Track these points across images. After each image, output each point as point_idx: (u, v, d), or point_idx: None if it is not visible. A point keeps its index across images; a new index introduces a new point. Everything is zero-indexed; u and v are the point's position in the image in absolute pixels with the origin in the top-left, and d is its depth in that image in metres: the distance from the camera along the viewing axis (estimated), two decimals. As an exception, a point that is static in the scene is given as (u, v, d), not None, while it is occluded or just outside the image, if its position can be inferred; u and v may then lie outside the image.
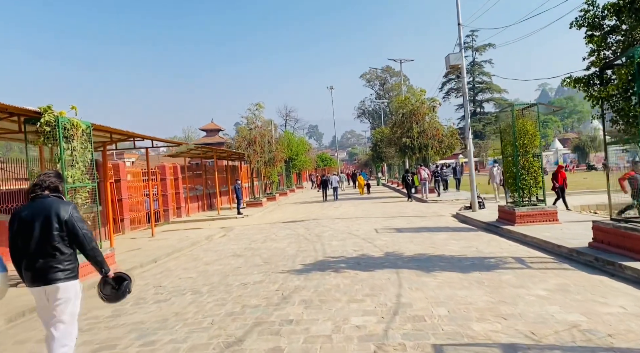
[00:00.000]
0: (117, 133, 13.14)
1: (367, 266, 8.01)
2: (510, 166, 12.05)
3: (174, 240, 14.19)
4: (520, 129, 11.51)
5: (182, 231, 16.89)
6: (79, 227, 3.66)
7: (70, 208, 3.69)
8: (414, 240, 10.97)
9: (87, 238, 3.68)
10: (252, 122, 27.14)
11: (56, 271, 3.58)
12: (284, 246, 11.34)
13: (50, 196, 3.74)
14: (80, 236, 3.66)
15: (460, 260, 8.11)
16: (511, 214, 11.60)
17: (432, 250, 9.35)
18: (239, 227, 17.10)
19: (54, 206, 3.63)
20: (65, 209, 3.65)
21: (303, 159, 45.07)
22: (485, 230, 12.09)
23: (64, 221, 3.61)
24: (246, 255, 10.34)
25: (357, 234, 12.60)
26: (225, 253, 11.04)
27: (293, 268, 8.30)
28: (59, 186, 3.85)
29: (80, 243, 3.67)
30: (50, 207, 3.63)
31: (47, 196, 3.73)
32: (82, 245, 3.68)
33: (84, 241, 3.67)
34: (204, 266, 9.33)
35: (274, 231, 14.65)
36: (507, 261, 7.85)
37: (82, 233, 3.66)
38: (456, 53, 15.48)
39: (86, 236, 3.68)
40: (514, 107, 11.63)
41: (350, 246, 10.58)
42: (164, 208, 21.08)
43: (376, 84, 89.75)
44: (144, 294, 7.21)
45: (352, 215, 18.31)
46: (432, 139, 26.86)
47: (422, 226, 13.66)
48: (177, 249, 12.35)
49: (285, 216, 20.16)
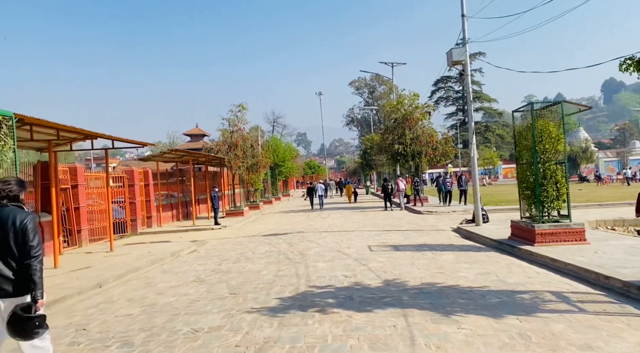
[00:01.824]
0: (65, 130, 11.10)
1: (363, 304, 6.11)
2: (527, 175, 10.30)
3: (134, 256, 12.13)
4: (541, 132, 9.79)
5: (147, 244, 14.82)
6: (30, 237, 3.48)
7: (27, 217, 3.55)
8: (416, 261, 9.11)
9: (32, 250, 3.47)
10: (234, 124, 25.18)
11: (14, 284, 3.43)
12: (259, 268, 9.38)
13: (8, 206, 3.60)
14: (27, 246, 3.46)
15: (484, 295, 6.26)
16: (529, 232, 9.83)
17: (442, 278, 7.49)
18: (213, 241, 15.07)
19: (12, 216, 3.51)
20: (22, 217, 3.52)
21: (290, 165, 43.11)
22: (498, 250, 10.29)
23: (18, 229, 3.47)
24: (211, 281, 8.36)
25: (348, 252, 10.71)
26: (187, 276, 9.04)
27: (266, 305, 6.35)
28: (19, 195, 3.70)
29: (25, 254, 3.46)
30: (7, 217, 3.51)
31: (5, 205, 3.60)
32: (26, 256, 3.45)
33: (30, 252, 3.46)
34: (153, 297, 7.32)
35: (252, 247, 12.68)
36: (546, 298, 6.02)
37: (30, 244, 3.47)
38: (459, 47, 13.79)
39: (32, 249, 3.47)
40: (534, 106, 9.89)
41: (340, 269, 8.67)
42: (131, 218, 18.93)
43: (365, 92, 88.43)
44: (56, 343, 5.18)
45: (342, 228, 16.41)
46: (425, 146, 25.21)
47: (421, 242, 11.82)
48: (132, 269, 10.32)
49: (267, 228, 18.18)
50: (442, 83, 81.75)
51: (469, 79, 13.95)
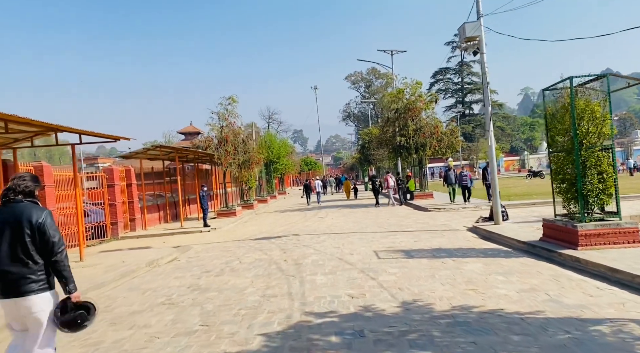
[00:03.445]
0: (15, 122, 9.39)
1: (379, 344, 4.42)
2: (563, 165, 8.63)
3: (103, 267, 10.43)
4: (582, 111, 8.11)
5: (124, 252, 13.13)
6: (50, 234, 3.38)
7: (44, 214, 3.44)
8: (436, 273, 7.44)
9: (56, 246, 3.38)
10: (224, 118, 23.41)
11: (29, 282, 3.33)
12: (245, 283, 7.69)
13: (23, 201, 3.49)
14: (49, 243, 3.36)
15: (544, 328, 4.58)
16: (569, 233, 8.16)
17: (476, 297, 5.82)
18: (198, 246, 13.37)
19: (26, 212, 3.40)
20: (39, 215, 3.40)
21: (285, 162, 41.39)
22: (531, 255, 8.62)
23: (35, 227, 3.35)
24: (183, 304, 6.67)
25: (352, 260, 9.03)
26: (156, 296, 7.35)
27: (245, 348, 4.65)
28: (34, 190, 3.59)
29: (48, 251, 3.36)
30: (22, 213, 3.40)
31: (20, 200, 3.48)
32: (50, 253, 3.36)
33: (53, 249, 3.36)
34: (102, 331, 5.61)
35: (240, 254, 10.99)
36: (635, 332, 4.34)
37: (52, 240, 3.37)
38: (473, 21, 12.08)
39: (55, 245, 3.38)
40: (573, 81, 8.19)
41: (343, 286, 6.99)
42: (111, 221, 17.20)
43: (361, 86, 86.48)
44: None
45: (342, 228, 14.73)
46: (430, 138, 23.53)
47: (436, 246, 10.15)
48: (95, 285, 8.67)
49: (260, 230, 16.49)
50: (440, 75, 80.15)
51: (484, 58, 12.23)
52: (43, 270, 3.41)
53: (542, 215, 14.64)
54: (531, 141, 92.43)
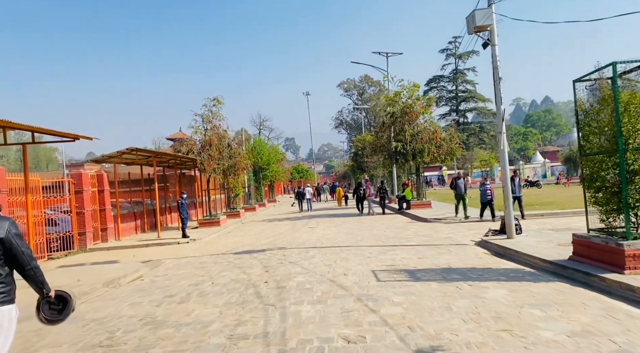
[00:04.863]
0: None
1: None
2: (600, 169, 7.18)
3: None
4: (627, 105, 6.69)
5: (86, 267, 11.53)
6: (18, 244, 3.13)
7: (7, 224, 3.15)
8: (452, 303, 5.90)
9: (26, 256, 3.17)
10: (207, 120, 21.84)
11: None
12: (212, 316, 6.09)
13: None
14: (19, 255, 3.13)
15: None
16: (612, 253, 6.69)
17: (516, 346, 4.30)
18: (170, 261, 11.74)
19: None
20: (2, 226, 3.12)
21: (275, 169, 39.78)
22: (562, 277, 7.13)
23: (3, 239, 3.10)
24: (123, 348, 5.06)
25: (346, 284, 7.47)
26: (96, 333, 5.73)
27: None
28: None
29: (20, 264, 3.16)
30: None
31: None
32: (22, 265, 3.16)
33: (24, 260, 3.15)
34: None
35: (214, 273, 9.38)
36: None
37: (22, 250, 3.15)
38: (484, 9, 10.70)
39: (26, 254, 3.16)
40: (616, 67, 6.75)
41: (336, 321, 5.42)
42: (79, 231, 15.50)
43: (354, 94, 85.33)
44: None
45: (334, 241, 13.16)
46: (428, 144, 22.10)
47: (444, 265, 8.64)
48: (26, 316, 6.98)
49: (242, 242, 14.87)
50: (434, 83, 79.25)
51: (496, 50, 10.83)
52: (4, 282, 3.12)
53: (556, 228, 13.29)
54: (524, 151, 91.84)
